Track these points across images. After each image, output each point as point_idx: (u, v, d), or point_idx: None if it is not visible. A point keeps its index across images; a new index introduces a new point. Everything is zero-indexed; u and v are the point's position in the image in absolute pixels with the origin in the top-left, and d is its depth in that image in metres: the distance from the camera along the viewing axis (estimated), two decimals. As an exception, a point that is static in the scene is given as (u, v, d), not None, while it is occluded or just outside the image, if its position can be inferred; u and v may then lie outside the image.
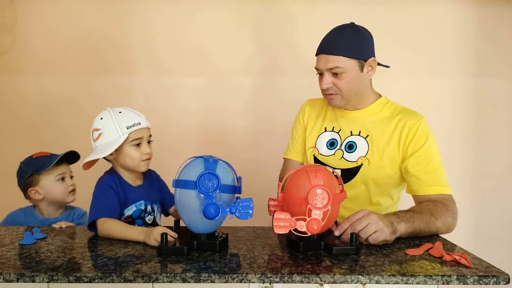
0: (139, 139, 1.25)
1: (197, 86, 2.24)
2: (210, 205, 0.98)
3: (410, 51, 2.22)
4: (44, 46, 2.19)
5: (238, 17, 2.21)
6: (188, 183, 1.02)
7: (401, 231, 1.09)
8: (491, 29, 2.23)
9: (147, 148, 1.27)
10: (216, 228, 1.08)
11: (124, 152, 1.25)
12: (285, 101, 2.15)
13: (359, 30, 1.33)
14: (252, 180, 2.15)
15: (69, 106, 2.20)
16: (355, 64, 1.30)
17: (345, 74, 1.29)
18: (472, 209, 2.28)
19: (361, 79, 1.33)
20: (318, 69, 1.34)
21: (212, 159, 1.05)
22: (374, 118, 1.38)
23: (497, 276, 0.87)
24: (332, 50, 1.29)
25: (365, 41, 1.33)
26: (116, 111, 1.25)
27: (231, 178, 1.07)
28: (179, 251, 1.00)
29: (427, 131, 1.32)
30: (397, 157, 1.33)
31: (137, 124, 1.24)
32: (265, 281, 0.87)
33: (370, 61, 1.32)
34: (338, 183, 1.09)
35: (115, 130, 1.21)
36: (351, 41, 1.30)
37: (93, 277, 0.87)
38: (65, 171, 1.51)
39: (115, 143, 1.21)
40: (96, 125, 1.25)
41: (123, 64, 2.21)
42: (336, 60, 1.28)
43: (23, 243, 1.10)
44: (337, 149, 1.39)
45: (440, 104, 2.26)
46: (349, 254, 1.00)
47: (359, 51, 1.30)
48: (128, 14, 2.19)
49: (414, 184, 1.30)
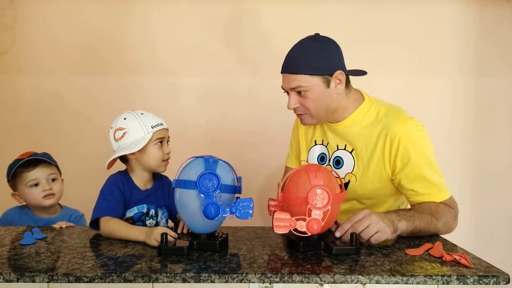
0: (161, 138, 1.29)
1: (197, 86, 2.24)
2: (211, 205, 0.98)
3: (410, 51, 2.21)
4: (44, 46, 2.19)
5: (238, 17, 2.21)
6: (188, 183, 1.02)
7: (402, 229, 1.09)
8: (491, 29, 2.23)
9: (167, 148, 1.32)
10: (216, 228, 1.08)
11: (148, 151, 1.28)
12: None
13: (322, 42, 1.24)
14: (252, 180, 2.17)
15: (69, 106, 2.20)
16: (319, 81, 1.22)
17: (309, 93, 1.22)
18: (472, 209, 2.28)
19: (329, 95, 1.24)
20: (283, 88, 1.29)
21: (212, 159, 1.06)
22: (357, 128, 1.30)
23: (497, 276, 0.87)
24: (294, 68, 1.23)
25: (329, 54, 1.23)
26: (138, 113, 1.30)
27: (231, 178, 1.07)
28: (179, 251, 1.00)
29: (412, 138, 1.22)
30: (383, 171, 1.26)
31: (160, 125, 1.29)
32: (265, 281, 0.87)
33: (336, 74, 1.23)
34: (338, 183, 1.09)
35: (140, 129, 1.26)
36: (313, 57, 1.21)
37: (93, 277, 0.87)
38: (37, 176, 1.46)
39: (142, 140, 1.25)
40: (120, 125, 1.27)
41: (122, 64, 2.21)
42: (298, 79, 1.21)
43: (23, 243, 1.10)
44: (326, 165, 1.36)
45: (440, 104, 2.26)
46: (349, 254, 1.00)
47: (322, 67, 1.21)
48: (128, 14, 2.19)
49: (412, 197, 1.26)
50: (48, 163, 1.50)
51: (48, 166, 1.50)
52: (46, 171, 1.49)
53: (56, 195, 1.50)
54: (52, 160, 1.53)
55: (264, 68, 2.22)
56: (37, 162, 1.47)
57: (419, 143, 1.24)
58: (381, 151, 1.26)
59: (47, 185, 1.48)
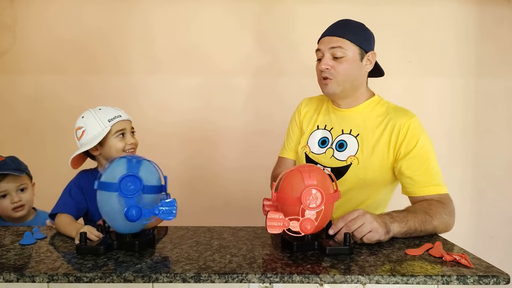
0: (122, 130, 1.30)
1: (197, 86, 2.24)
2: (132, 207, 0.96)
3: (410, 51, 2.22)
4: (44, 46, 2.19)
5: (237, 17, 2.21)
6: (110, 186, 1.00)
7: (395, 231, 1.09)
8: (491, 29, 2.23)
9: (131, 138, 1.32)
10: (140, 228, 1.07)
11: (109, 144, 1.29)
12: (284, 101, 2.15)
13: (364, 25, 1.37)
14: (253, 180, 2.17)
15: (69, 106, 2.19)
16: (356, 51, 1.31)
17: (345, 58, 1.30)
18: (472, 209, 2.28)
19: (359, 68, 1.33)
20: (320, 49, 1.35)
21: (135, 160, 1.04)
22: (365, 116, 1.37)
23: (497, 276, 0.87)
24: (338, 33, 1.32)
25: (367, 35, 1.36)
26: (96, 109, 1.32)
27: (157, 178, 1.05)
28: (96, 251, 0.99)
29: (419, 130, 1.30)
30: (386, 157, 1.32)
31: (118, 117, 1.30)
32: (265, 281, 0.87)
33: (370, 53, 1.35)
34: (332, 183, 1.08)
35: (97, 124, 1.28)
36: (357, 30, 1.33)
37: (93, 277, 0.87)
38: (6, 188, 1.44)
39: (99, 136, 1.27)
40: (78, 124, 1.31)
41: (122, 64, 2.21)
42: (340, 41, 1.30)
43: (23, 243, 1.10)
44: (328, 148, 1.39)
45: (440, 104, 2.26)
46: (343, 254, 0.99)
47: (363, 40, 1.32)
48: (128, 14, 2.20)
49: (409, 186, 1.29)
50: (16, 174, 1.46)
51: (17, 176, 1.47)
52: (16, 182, 1.46)
53: (26, 205, 1.48)
54: (22, 168, 1.48)
55: (264, 68, 2.22)
56: (5, 173, 1.44)
57: (424, 137, 1.30)
58: (387, 138, 1.32)
59: (16, 197, 1.45)
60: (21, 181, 1.48)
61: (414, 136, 1.29)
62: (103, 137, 1.27)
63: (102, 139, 1.27)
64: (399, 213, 1.15)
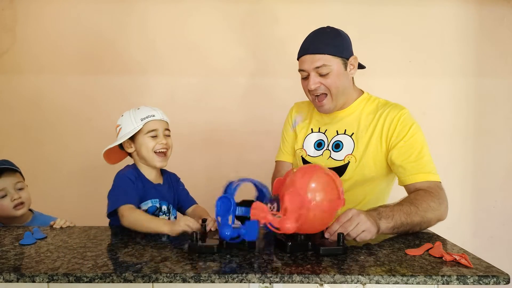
0: (154, 130, 1.33)
1: (196, 86, 2.24)
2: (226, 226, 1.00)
3: (410, 51, 2.22)
4: (44, 46, 2.19)
5: (236, 17, 2.21)
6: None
7: (382, 228, 1.10)
8: (491, 29, 2.23)
9: (162, 139, 1.35)
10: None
11: (141, 141, 1.33)
12: (282, 101, 2.15)
13: (338, 31, 1.36)
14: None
15: (68, 106, 2.20)
16: (340, 62, 1.32)
17: (331, 73, 1.31)
18: (472, 209, 2.28)
19: (345, 77, 1.35)
20: (304, 70, 1.35)
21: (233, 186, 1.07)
22: (358, 115, 1.40)
23: (497, 276, 0.87)
24: (317, 49, 1.31)
25: (345, 41, 1.35)
26: (135, 108, 1.36)
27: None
28: (209, 250, 1.00)
29: (409, 121, 1.32)
30: (380, 150, 1.34)
31: (151, 116, 1.34)
32: (265, 281, 0.87)
33: (351, 59, 1.35)
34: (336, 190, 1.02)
35: (131, 122, 1.33)
36: (334, 40, 1.33)
37: (93, 277, 0.87)
38: (4, 186, 1.42)
39: (130, 133, 1.32)
40: (118, 122, 1.37)
41: (122, 64, 2.21)
42: (322, 58, 1.30)
43: (23, 243, 1.10)
44: (325, 150, 1.41)
45: (440, 104, 2.26)
46: (337, 254, 0.99)
47: (342, 50, 1.32)
48: (127, 14, 2.20)
49: (401, 175, 1.30)
50: (12, 171, 1.45)
51: (13, 174, 1.45)
52: (13, 180, 1.44)
53: (26, 203, 1.45)
54: (16, 167, 1.47)
55: (264, 68, 2.22)
56: (1, 171, 1.42)
57: (415, 127, 1.32)
58: (379, 132, 1.34)
59: (16, 194, 1.43)
60: (17, 179, 1.46)
61: (404, 126, 1.31)
62: (134, 134, 1.31)
63: (136, 137, 1.32)
64: (385, 207, 1.15)
